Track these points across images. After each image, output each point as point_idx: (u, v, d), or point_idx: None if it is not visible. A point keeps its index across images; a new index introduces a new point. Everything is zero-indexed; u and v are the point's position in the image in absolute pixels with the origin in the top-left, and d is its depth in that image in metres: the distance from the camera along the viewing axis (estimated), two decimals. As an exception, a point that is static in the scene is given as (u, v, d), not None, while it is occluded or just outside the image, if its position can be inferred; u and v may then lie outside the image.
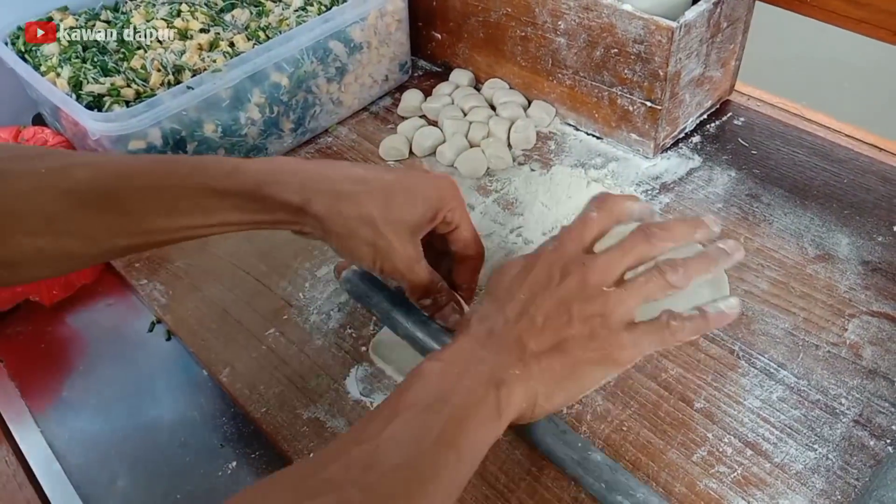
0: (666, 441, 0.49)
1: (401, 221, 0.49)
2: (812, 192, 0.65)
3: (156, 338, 0.60)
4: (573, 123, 0.74)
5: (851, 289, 0.57)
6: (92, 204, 0.43)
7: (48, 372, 0.59)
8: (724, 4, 0.65)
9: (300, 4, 0.74)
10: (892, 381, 0.51)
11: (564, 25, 0.68)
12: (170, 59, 0.67)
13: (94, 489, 0.51)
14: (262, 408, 0.52)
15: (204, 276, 0.62)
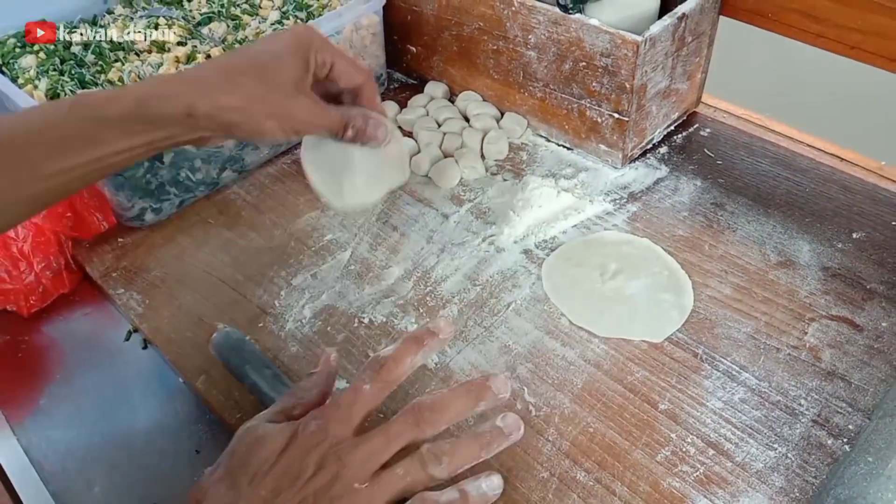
0: (631, 442, 0.50)
1: (282, 83, 0.50)
2: (775, 200, 0.67)
3: (132, 346, 0.61)
4: (544, 135, 0.76)
5: (812, 294, 0.59)
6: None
7: (25, 381, 0.59)
8: (688, 19, 0.67)
9: (276, 18, 0.76)
10: (849, 382, 0.53)
11: (535, 39, 0.70)
12: (147, 72, 0.68)
13: (71, 496, 0.51)
14: (237, 414, 0.53)
15: (180, 286, 0.63)
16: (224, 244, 0.66)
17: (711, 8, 0.70)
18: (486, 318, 0.59)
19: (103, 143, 0.46)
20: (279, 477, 0.40)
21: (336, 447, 0.41)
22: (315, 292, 0.62)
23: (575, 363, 0.55)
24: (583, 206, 0.68)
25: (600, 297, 0.60)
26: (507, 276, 0.62)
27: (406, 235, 0.66)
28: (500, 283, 0.62)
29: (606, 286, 0.60)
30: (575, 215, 0.67)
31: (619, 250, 0.63)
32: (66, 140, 0.45)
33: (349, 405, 0.43)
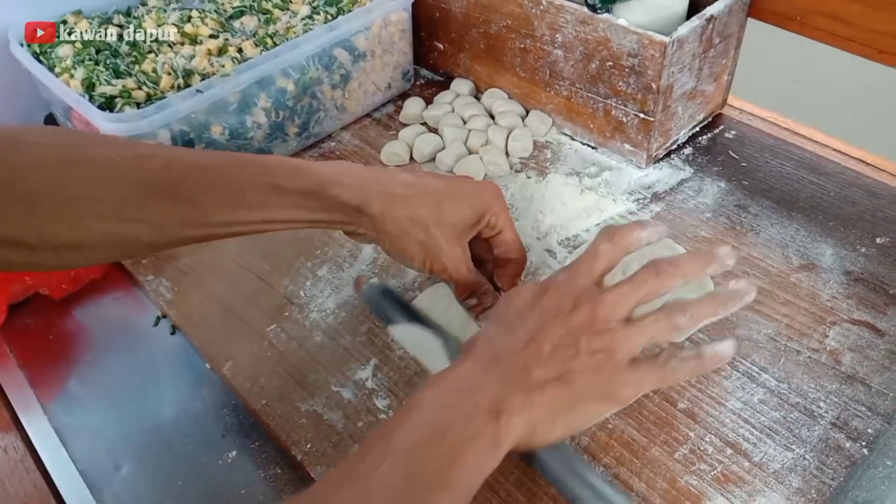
0: (649, 439, 0.51)
1: (449, 224, 0.52)
2: (799, 203, 0.67)
3: (160, 332, 0.62)
4: (569, 133, 0.77)
5: (833, 297, 0.59)
6: (162, 194, 0.45)
7: (56, 362, 0.61)
8: (716, 21, 0.67)
9: (307, 13, 0.77)
10: (869, 386, 0.53)
11: (562, 38, 0.70)
12: (180, 63, 0.69)
13: (98, 475, 0.53)
14: (262, 400, 0.54)
15: (209, 274, 0.64)
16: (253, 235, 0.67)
17: (740, 10, 0.70)
18: (507, 313, 0.59)
19: (276, 209, 0.48)
20: (541, 313, 0.44)
21: (587, 292, 0.44)
22: (339, 283, 0.63)
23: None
24: (606, 205, 0.68)
25: (622, 296, 0.60)
26: (529, 272, 0.63)
27: (430, 230, 0.67)
28: (524, 278, 0.62)
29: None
30: (598, 214, 0.67)
31: (641, 250, 0.63)
32: (243, 199, 0.47)
33: (590, 260, 0.46)
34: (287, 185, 0.48)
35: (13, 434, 0.56)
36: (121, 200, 0.44)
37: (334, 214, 0.50)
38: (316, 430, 0.52)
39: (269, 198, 0.48)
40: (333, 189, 0.49)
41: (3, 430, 0.57)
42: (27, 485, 0.53)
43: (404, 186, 0.52)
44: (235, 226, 0.48)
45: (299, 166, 0.50)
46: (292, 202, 0.48)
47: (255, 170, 0.48)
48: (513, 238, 0.56)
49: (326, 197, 0.49)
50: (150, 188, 0.45)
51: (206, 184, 0.46)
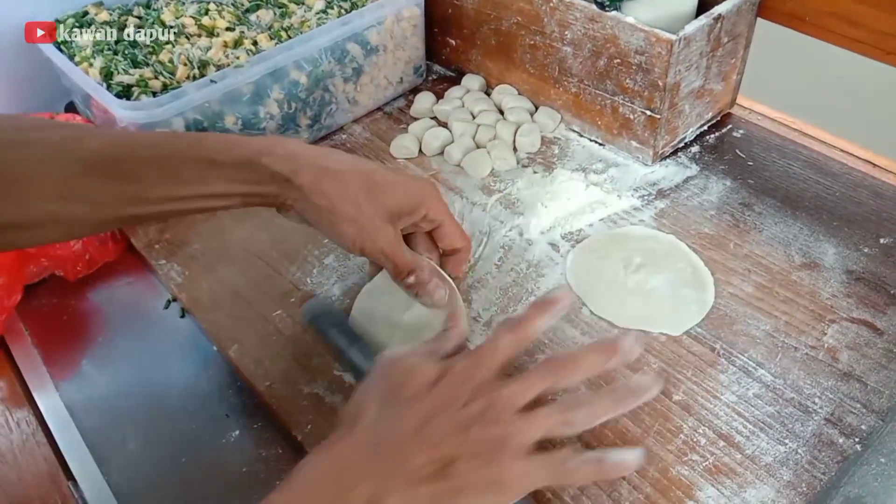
0: (643, 430, 0.51)
1: (383, 205, 0.52)
2: (804, 203, 0.68)
3: (171, 315, 0.64)
4: (577, 130, 0.77)
5: (834, 296, 0.59)
6: (100, 172, 0.46)
7: (69, 342, 0.63)
8: (724, 20, 0.67)
9: (321, 7, 0.78)
10: (865, 384, 0.53)
11: (571, 35, 0.71)
12: (196, 55, 0.71)
13: (106, 450, 0.54)
14: (266, 382, 0.56)
15: (219, 259, 0.66)
16: (262, 223, 0.69)
17: (749, 10, 0.70)
18: (509, 304, 0.60)
19: (210, 183, 0.49)
20: (435, 401, 0.43)
21: (484, 385, 0.44)
22: (345, 272, 0.64)
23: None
24: (611, 201, 0.69)
25: (623, 290, 0.61)
26: (532, 264, 0.64)
27: (436, 222, 0.68)
28: (525, 271, 0.63)
29: (629, 279, 0.61)
30: (602, 209, 0.68)
31: (644, 245, 0.64)
32: (180, 174, 0.48)
33: (491, 352, 0.46)
34: (221, 158, 0.48)
35: (26, 409, 0.58)
36: (61, 180, 0.45)
37: (266, 186, 0.50)
38: (317, 413, 0.53)
39: (205, 172, 0.48)
40: (265, 159, 0.49)
41: (17, 406, 0.59)
42: (38, 457, 0.55)
43: (337, 162, 0.52)
44: (174, 202, 0.48)
45: (234, 140, 0.50)
46: (226, 175, 0.49)
47: (192, 145, 0.49)
48: (454, 228, 0.56)
49: (258, 167, 0.49)
50: (90, 167, 0.46)
51: (143, 161, 0.47)
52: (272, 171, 0.49)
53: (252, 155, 0.49)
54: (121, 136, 0.49)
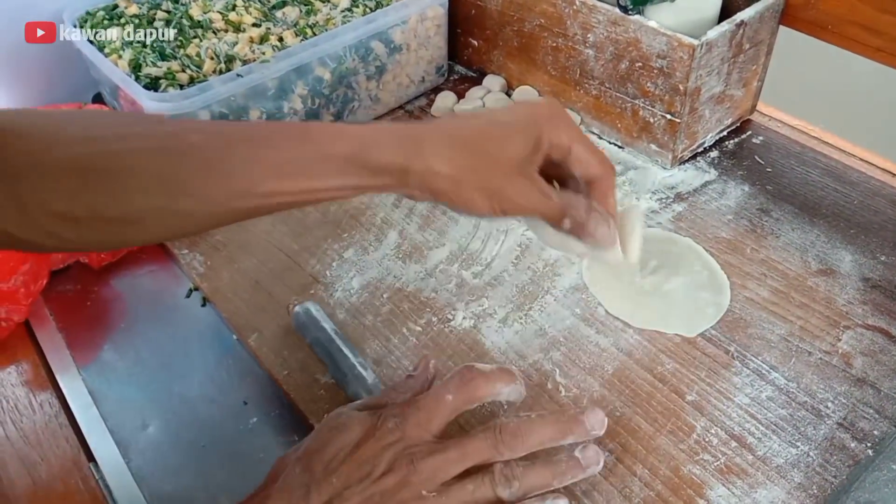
0: (656, 428, 0.52)
1: (504, 160, 0.47)
2: (821, 210, 0.68)
3: (192, 303, 0.65)
4: (597, 132, 0.78)
5: (849, 302, 0.60)
6: (206, 166, 0.44)
7: (92, 327, 0.64)
8: (746, 26, 0.68)
9: (346, 5, 0.79)
10: (879, 390, 0.54)
11: (593, 38, 0.72)
12: (222, 49, 0.72)
13: (126, 433, 0.55)
14: (284, 370, 0.57)
15: (240, 250, 0.67)
16: (283, 215, 0.70)
17: (771, 17, 0.70)
18: (524, 301, 0.61)
19: (319, 177, 0.46)
20: (351, 470, 0.42)
21: (410, 450, 0.42)
22: (364, 266, 0.65)
23: (608, 350, 0.57)
24: (629, 203, 0.69)
25: (638, 291, 0.61)
26: (548, 263, 0.64)
27: (454, 219, 0.69)
28: (542, 270, 0.64)
29: (646, 280, 0.62)
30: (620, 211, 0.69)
31: (661, 247, 0.65)
32: (287, 167, 0.45)
33: (429, 411, 0.44)
34: (326, 152, 0.46)
35: (49, 392, 0.59)
36: (167, 174, 0.44)
37: (381, 178, 0.47)
38: (333, 402, 0.54)
39: (312, 166, 0.46)
40: (373, 153, 0.46)
41: (40, 388, 0.60)
42: (60, 439, 0.56)
43: (444, 138, 0.47)
44: (283, 196, 0.46)
45: (341, 130, 0.47)
46: (336, 169, 0.46)
47: (297, 137, 0.46)
48: (586, 153, 0.49)
49: (370, 161, 0.46)
50: (193, 162, 0.44)
51: (249, 156, 0.45)
52: (385, 163, 0.46)
53: (360, 148, 0.46)
54: (225, 129, 0.46)
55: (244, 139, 0.46)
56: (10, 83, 0.81)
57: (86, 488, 0.53)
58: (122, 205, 0.43)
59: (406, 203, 0.71)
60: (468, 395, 0.45)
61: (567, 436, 0.45)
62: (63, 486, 0.53)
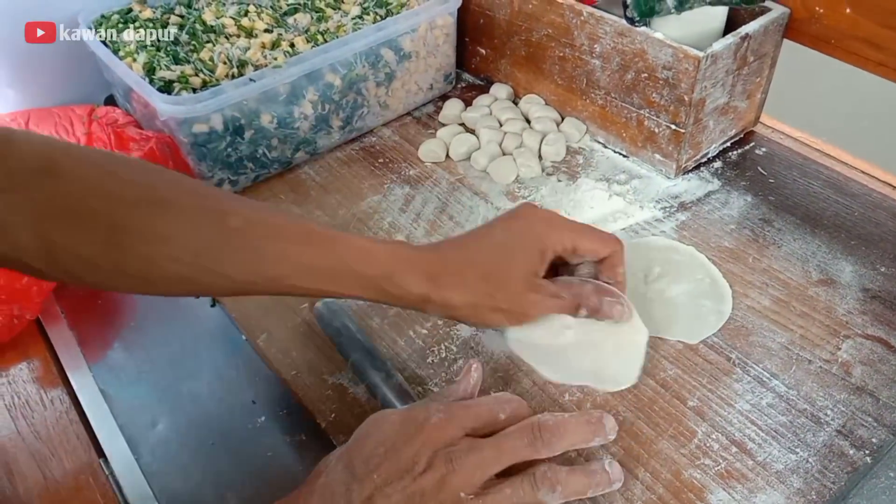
0: (658, 433, 0.53)
1: (512, 280, 0.53)
2: (823, 221, 0.69)
3: (202, 304, 0.66)
4: (602, 141, 0.79)
5: (849, 312, 0.61)
6: (238, 255, 0.47)
7: (103, 326, 0.65)
8: (751, 39, 0.69)
9: (357, 13, 0.80)
10: (877, 398, 0.54)
11: (600, 49, 0.73)
12: (235, 54, 0.73)
13: (136, 429, 0.56)
14: (292, 371, 0.58)
15: (249, 252, 0.68)
16: (291, 218, 0.71)
17: (776, 30, 0.72)
18: (530, 306, 0.62)
19: (343, 287, 0.50)
20: (391, 467, 0.42)
21: (449, 448, 0.43)
22: (372, 269, 0.66)
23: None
24: (633, 212, 0.71)
25: (642, 298, 0.62)
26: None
27: (461, 225, 0.70)
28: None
29: (649, 287, 0.63)
30: (624, 219, 0.70)
31: (664, 255, 0.66)
32: (315, 272, 0.49)
33: (470, 414, 0.45)
34: (357, 268, 0.49)
35: (60, 388, 0.60)
36: (199, 250, 0.46)
37: (403, 300, 0.52)
38: (341, 402, 0.55)
39: (340, 278, 0.49)
40: (396, 281, 0.50)
41: (52, 385, 0.61)
42: (70, 435, 0.57)
43: (457, 269, 0.52)
44: (304, 292, 0.50)
45: (368, 252, 0.51)
46: (360, 284, 0.50)
47: (329, 246, 0.50)
48: (591, 242, 0.55)
49: (391, 287, 0.50)
50: (228, 247, 0.46)
51: (282, 253, 0.48)
52: (406, 291, 0.51)
53: (385, 274, 0.50)
54: (262, 225, 0.49)
55: (280, 236, 0.48)
56: (24, 84, 0.82)
57: (96, 484, 0.54)
58: (149, 267, 0.45)
59: (413, 208, 0.72)
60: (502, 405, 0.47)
61: (594, 437, 0.47)
62: (74, 482, 0.54)
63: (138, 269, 0.45)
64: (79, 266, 0.44)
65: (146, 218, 0.45)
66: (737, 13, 0.72)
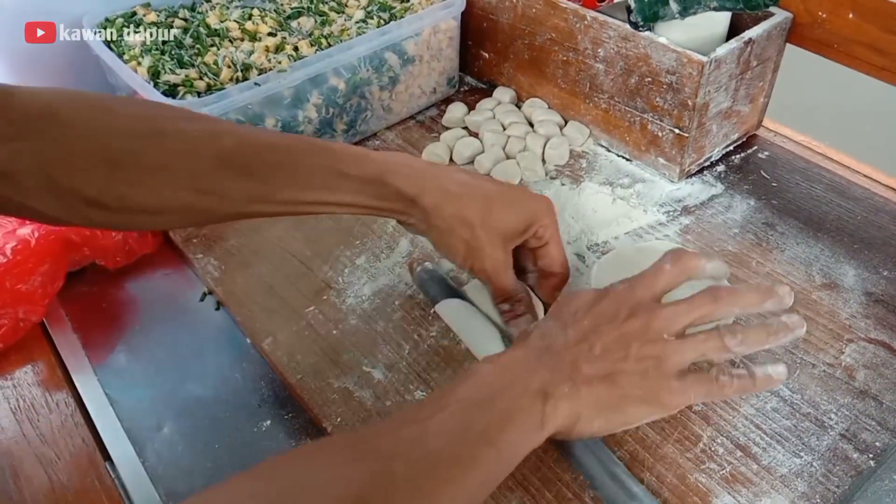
0: (663, 437, 0.53)
1: (496, 227, 0.54)
2: (826, 225, 0.69)
3: (206, 307, 0.66)
4: (605, 145, 0.79)
5: (852, 316, 0.61)
6: (233, 169, 0.48)
7: (108, 329, 0.65)
8: (754, 44, 0.69)
9: (361, 17, 0.80)
10: (881, 402, 0.55)
11: (604, 53, 0.73)
12: (239, 58, 0.74)
13: (141, 433, 0.56)
14: (297, 375, 0.58)
15: (254, 256, 0.68)
16: (297, 222, 0.71)
17: (779, 35, 0.72)
18: (534, 310, 0.62)
19: (337, 192, 0.51)
20: (597, 316, 0.47)
21: (644, 304, 0.47)
22: (375, 273, 0.66)
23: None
24: (636, 215, 0.71)
25: (645, 301, 0.62)
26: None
27: (465, 228, 0.70)
28: (551, 280, 0.65)
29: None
30: (628, 223, 0.70)
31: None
32: (309, 180, 0.50)
33: (653, 277, 0.48)
34: (350, 171, 0.51)
35: (65, 392, 0.60)
36: (196, 173, 0.47)
37: (391, 203, 0.52)
38: (346, 406, 0.55)
39: (333, 181, 0.51)
40: (392, 178, 0.52)
41: (57, 388, 0.61)
42: (76, 438, 0.57)
43: (458, 185, 0.54)
44: (299, 205, 0.51)
45: (364, 154, 0.53)
46: (354, 187, 0.51)
47: (323, 154, 0.51)
48: (558, 252, 0.58)
49: (385, 185, 0.52)
50: (224, 164, 0.48)
51: (275, 163, 0.50)
52: (397, 190, 0.52)
53: (380, 172, 0.52)
54: (255, 136, 0.51)
55: (272, 146, 0.50)
56: (28, 87, 0.82)
57: (101, 487, 0.54)
58: (151, 197, 0.47)
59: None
60: (683, 266, 0.49)
61: (766, 300, 0.48)
62: (79, 485, 0.54)
63: (142, 202, 0.47)
64: (86, 207, 0.46)
65: (142, 149, 0.46)
66: (740, 18, 0.73)
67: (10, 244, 0.62)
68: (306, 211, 0.52)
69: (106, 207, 0.46)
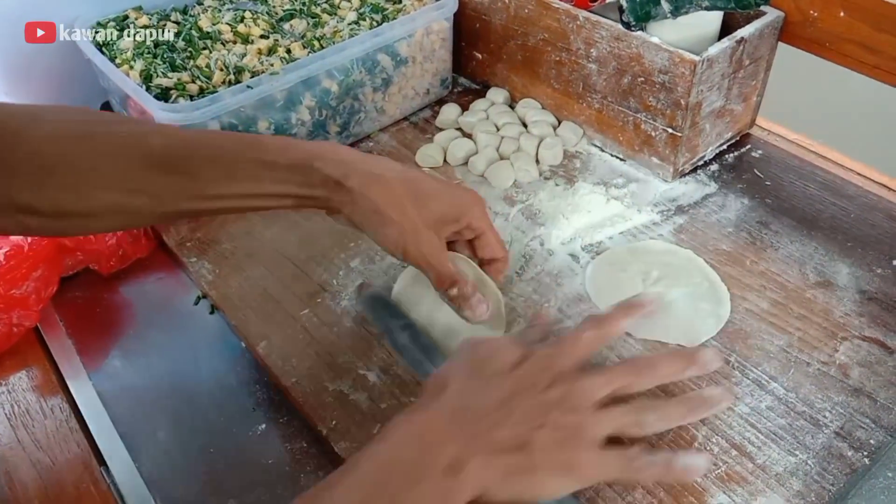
0: (658, 436, 0.53)
1: (428, 212, 0.53)
2: (819, 223, 0.69)
3: (200, 311, 0.66)
4: (599, 145, 0.79)
5: (846, 314, 0.61)
6: (161, 168, 0.49)
7: (102, 333, 0.65)
8: (746, 43, 0.69)
9: (353, 19, 0.80)
10: (875, 400, 0.55)
11: (596, 53, 0.73)
12: (232, 61, 0.73)
13: (136, 438, 0.56)
14: (292, 378, 0.58)
15: (248, 259, 0.68)
16: (291, 225, 0.71)
17: (771, 34, 0.72)
18: (527, 311, 0.62)
19: (264, 182, 0.51)
20: (518, 380, 0.46)
21: (564, 374, 0.46)
22: (370, 275, 0.66)
23: (610, 360, 0.58)
24: (630, 215, 0.71)
25: (640, 301, 0.62)
26: (552, 275, 0.65)
27: (459, 230, 0.70)
28: (546, 281, 0.65)
29: (648, 291, 0.63)
30: (622, 223, 0.70)
31: (662, 259, 0.66)
32: (235, 172, 0.50)
33: (573, 343, 0.48)
34: (277, 160, 0.51)
35: (60, 397, 0.60)
36: (125, 173, 0.48)
37: (317, 189, 0.52)
38: (342, 409, 0.55)
39: (259, 171, 0.51)
40: (317, 163, 0.51)
41: (51, 394, 0.61)
42: (71, 443, 0.57)
43: (385, 169, 0.53)
44: (228, 199, 0.51)
45: (290, 143, 0.53)
46: (280, 176, 0.51)
47: (251, 146, 0.51)
48: (495, 239, 0.58)
49: (312, 170, 0.51)
50: (152, 163, 0.48)
51: (202, 158, 0.50)
52: (324, 175, 0.51)
53: (305, 158, 0.51)
54: (183, 134, 0.51)
55: (200, 143, 0.51)
56: (20, 91, 0.82)
57: (97, 492, 0.54)
58: (82, 201, 0.47)
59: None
60: (602, 332, 0.50)
61: (688, 368, 0.49)
62: (75, 490, 0.54)
63: (74, 206, 0.47)
64: (20, 214, 0.47)
65: (71, 153, 0.47)
66: (732, 17, 0.73)
67: (2, 249, 0.62)
68: (239, 206, 0.52)
69: (40, 213, 0.46)
